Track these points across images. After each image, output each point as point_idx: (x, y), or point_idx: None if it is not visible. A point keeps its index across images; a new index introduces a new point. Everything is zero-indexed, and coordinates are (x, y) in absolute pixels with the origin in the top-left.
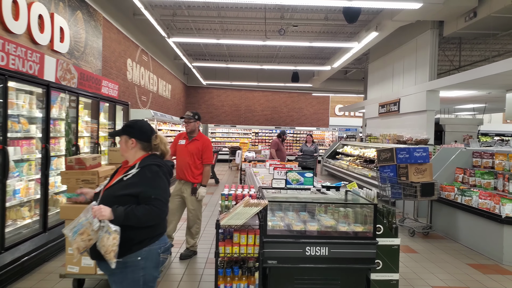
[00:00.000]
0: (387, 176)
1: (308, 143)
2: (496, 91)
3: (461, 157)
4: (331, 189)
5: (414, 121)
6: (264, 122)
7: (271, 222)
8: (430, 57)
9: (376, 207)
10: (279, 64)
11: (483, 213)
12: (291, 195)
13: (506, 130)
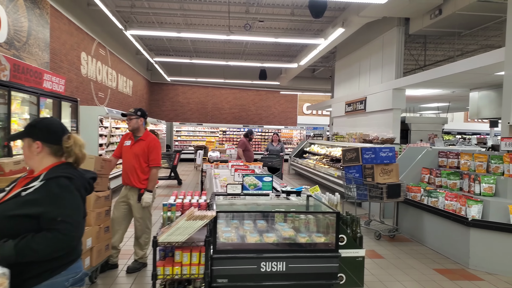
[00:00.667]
0: (352, 177)
1: (274, 142)
2: (460, 90)
3: (427, 157)
4: (291, 194)
5: (380, 119)
6: (232, 120)
7: (223, 234)
8: (396, 55)
9: (339, 216)
10: (245, 60)
11: (450, 216)
12: (248, 202)
13: (467, 128)
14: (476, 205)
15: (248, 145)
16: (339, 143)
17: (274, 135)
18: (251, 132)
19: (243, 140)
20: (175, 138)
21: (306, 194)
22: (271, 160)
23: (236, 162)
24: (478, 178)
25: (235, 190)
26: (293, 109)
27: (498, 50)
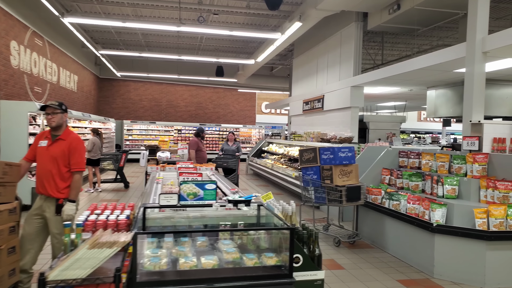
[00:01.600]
0: (310, 179)
1: (229, 142)
2: (418, 88)
3: (387, 157)
4: (240, 204)
5: (338, 118)
6: (188, 119)
7: (148, 260)
8: (354, 51)
9: (293, 233)
10: (200, 56)
11: (413, 221)
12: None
13: (420, 128)
14: (440, 208)
15: (201, 145)
16: (297, 142)
17: (230, 134)
18: (202, 130)
19: (195, 140)
20: (126, 137)
21: (257, 203)
22: (226, 160)
23: (185, 164)
24: (441, 180)
25: (170, 201)
26: (252, 108)
27: (459, 45)
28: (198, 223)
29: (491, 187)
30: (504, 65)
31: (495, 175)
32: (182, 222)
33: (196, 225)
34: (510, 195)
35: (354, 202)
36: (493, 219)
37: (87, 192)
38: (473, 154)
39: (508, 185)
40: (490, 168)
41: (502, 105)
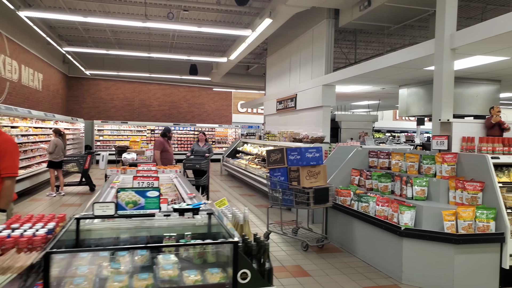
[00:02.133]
0: (277, 180)
1: (200, 142)
2: (390, 87)
3: (357, 157)
4: (187, 213)
5: (311, 117)
6: (161, 118)
7: (70, 283)
8: (326, 49)
9: (237, 247)
10: (171, 53)
11: (381, 224)
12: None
13: (396, 127)
14: (409, 211)
15: (167, 145)
16: (270, 142)
17: (201, 134)
18: (168, 130)
19: (160, 140)
20: (97, 138)
21: (208, 211)
22: (198, 162)
23: (147, 166)
24: (410, 181)
25: (106, 211)
26: (228, 107)
27: (427, 42)
28: (142, 233)
29: (459, 188)
30: (473, 62)
31: (464, 176)
32: (122, 234)
33: (141, 236)
34: (478, 196)
35: (322, 204)
36: (461, 221)
37: (48, 196)
38: (442, 154)
39: (477, 186)
40: (459, 168)
41: (472, 104)
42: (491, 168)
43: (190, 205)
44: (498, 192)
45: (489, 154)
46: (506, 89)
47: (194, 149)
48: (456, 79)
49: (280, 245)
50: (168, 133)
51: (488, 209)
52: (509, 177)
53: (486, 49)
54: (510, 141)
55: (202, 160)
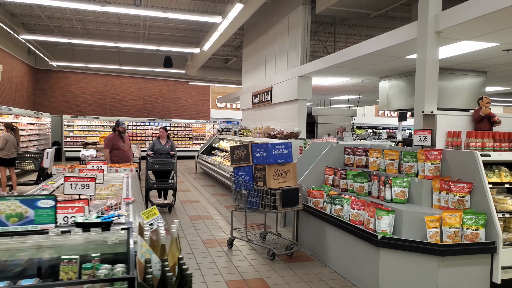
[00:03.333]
0: (242, 180)
1: (161, 139)
2: (370, 79)
3: (332, 154)
4: (95, 228)
5: (286, 112)
6: (135, 113)
7: None
8: (302, 38)
9: (133, 285)
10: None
11: (355, 231)
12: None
13: (378, 123)
14: (387, 216)
15: (119, 142)
16: (245, 138)
17: (161, 130)
18: (119, 123)
19: (109, 137)
20: (67, 133)
21: (127, 224)
22: (164, 161)
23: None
24: (389, 181)
25: None
26: (206, 102)
27: (409, 25)
28: (32, 256)
29: (444, 189)
30: (459, 49)
31: (449, 175)
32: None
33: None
34: (466, 199)
35: (291, 207)
36: (446, 229)
37: None
38: (425, 151)
39: (464, 187)
40: (444, 166)
41: (456, 97)
42: (481, 166)
43: (101, 217)
44: (489, 194)
45: (478, 150)
46: (492, 83)
47: (155, 147)
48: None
49: (245, 253)
50: (118, 126)
51: (477, 214)
52: (500, 177)
53: (474, 32)
54: (502, 136)
55: (167, 159)
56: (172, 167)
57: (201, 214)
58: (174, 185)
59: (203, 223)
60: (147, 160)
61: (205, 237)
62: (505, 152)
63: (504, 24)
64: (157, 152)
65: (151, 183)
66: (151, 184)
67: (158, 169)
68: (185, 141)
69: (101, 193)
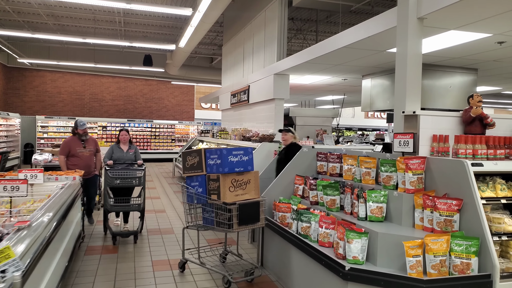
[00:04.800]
0: (194, 192)
1: (122, 145)
2: (352, 77)
3: (303, 160)
4: None
5: (263, 112)
6: (115, 114)
7: None
8: (278, 33)
9: None
10: (112, 39)
11: (320, 258)
12: None
13: (368, 125)
14: (359, 239)
15: (77, 147)
16: (222, 141)
17: (123, 133)
18: (77, 124)
19: (66, 141)
20: (40, 135)
21: None
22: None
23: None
24: (363, 194)
25: None
26: (190, 102)
27: (388, 11)
28: None
29: (429, 206)
30: (446, 42)
31: (435, 189)
32: None
33: None
34: (454, 219)
35: (251, 224)
36: (431, 257)
37: None
38: (405, 158)
39: (452, 204)
40: (429, 178)
41: (445, 96)
42: (472, 179)
43: None
44: (482, 213)
45: (468, 159)
46: (483, 82)
47: (115, 155)
48: (426, 67)
49: (198, 278)
50: (76, 129)
51: (468, 239)
52: (495, 191)
53: (462, 19)
54: (496, 141)
55: (138, 171)
56: (138, 182)
57: (162, 227)
58: (140, 206)
59: (161, 238)
60: (106, 173)
61: (157, 257)
62: (500, 161)
63: (496, 9)
64: (117, 161)
65: (109, 204)
66: (109, 205)
67: (120, 186)
68: (168, 143)
69: (13, 210)
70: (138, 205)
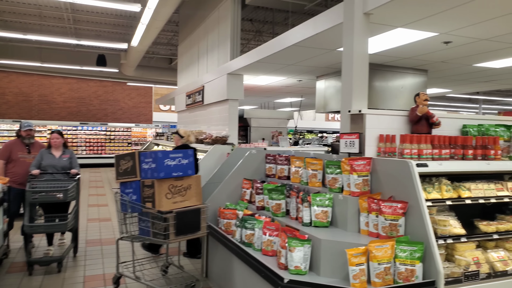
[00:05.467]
0: (128, 200)
1: (54, 150)
2: (306, 78)
3: (252, 162)
4: None
5: (218, 113)
6: (67, 117)
7: None
8: (231, 31)
9: None
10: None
11: (262, 269)
12: None
13: (329, 127)
14: (301, 247)
15: (19, 151)
16: None
17: (54, 136)
18: (21, 126)
19: (8, 144)
20: None
21: None
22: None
23: None
24: (308, 198)
25: None
26: (148, 104)
27: (335, 7)
28: None
29: (374, 210)
30: (395, 40)
31: (381, 191)
32: None
33: None
34: (400, 223)
35: (190, 234)
36: (375, 265)
37: None
38: (350, 160)
39: (397, 207)
40: (375, 180)
41: (397, 97)
42: (416, 180)
43: None
44: (426, 216)
45: (413, 159)
46: (433, 83)
47: (44, 162)
48: (378, 67)
49: None
50: (19, 130)
51: (413, 244)
52: (441, 192)
53: (408, 16)
54: (442, 140)
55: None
56: (65, 196)
57: (104, 237)
58: (67, 226)
59: (101, 250)
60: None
61: (92, 272)
62: (445, 161)
63: (439, 6)
64: (45, 171)
65: (27, 225)
66: (27, 227)
67: (39, 201)
68: (124, 147)
69: None
70: (63, 225)
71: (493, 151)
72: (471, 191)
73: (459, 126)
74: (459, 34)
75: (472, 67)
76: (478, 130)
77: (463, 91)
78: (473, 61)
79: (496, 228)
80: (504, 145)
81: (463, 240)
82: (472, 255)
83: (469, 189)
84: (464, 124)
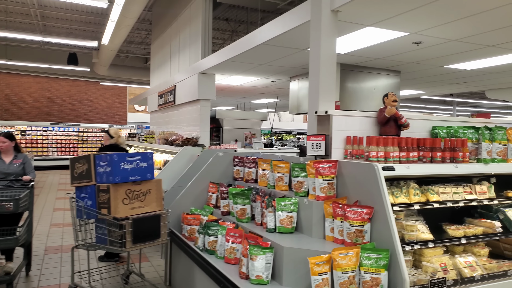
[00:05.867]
0: (83, 206)
1: (4, 155)
2: (280, 79)
3: (219, 165)
4: None
5: (190, 114)
6: (36, 117)
7: None
8: (202, 29)
9: None
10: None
11: (221, 279)
12: None
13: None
14: (263, 255)
15: None
16: (148, 145)
17: (1, 139)
18: None
19: None
20: None
21: None
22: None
23: None
24: (273, 202)
25: None
26: (122, 105)
27: (303, 4)
28: None
29: (339, 215)
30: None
31: (347, 195)
32: None
33: None
34: (365, 229)
35: (149, 242)
36: (339, 273)
37: None
38: (315, 162)
39: (362, 212)
40: (341, 184)
41: (370, 98)
42: (382, 184)
43: None
44: (392, 222)
45: (380, 162)
46: (406, 85)
47: None
48: (350, 68)
49: None
50: None
51: (378, 252)
52: (409, 196)
53: (376, 14)
54: (409, 142)
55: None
56: (15, 207)
57: (66, 243)
58: (18, 241)
59: (60, 258)
60: None
61: (47, 282)
62: (413, 164)
63: (406, 5)
64: None
65: None
66: None
67: None
68: (97, 148)
69: None
70: (12, 240)
71: (461, 153)
72: (440, 194)
73: (429, 128)
74: (428, 34)
75: (444, 68)
76: (447, 132)
77: (436, 92)
78: (444, 62)
79: (464, 232)
80: (472, 148)
81: (431, 245)
82: (440, 261)
83: (438, 193)
84: (433, 126)
